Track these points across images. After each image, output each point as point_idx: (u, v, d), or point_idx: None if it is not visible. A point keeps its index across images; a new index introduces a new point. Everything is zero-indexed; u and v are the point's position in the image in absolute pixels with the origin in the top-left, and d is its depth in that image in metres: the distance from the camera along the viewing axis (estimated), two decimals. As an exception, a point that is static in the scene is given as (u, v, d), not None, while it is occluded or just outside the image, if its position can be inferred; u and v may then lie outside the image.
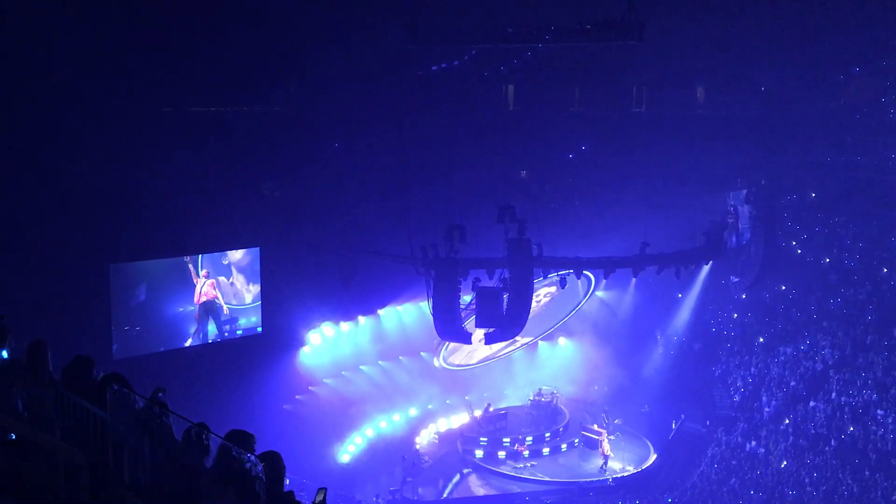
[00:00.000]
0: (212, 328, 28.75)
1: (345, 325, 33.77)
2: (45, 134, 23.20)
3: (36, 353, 7.10)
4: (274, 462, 6.07)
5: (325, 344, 33.33)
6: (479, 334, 28.51)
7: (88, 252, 24.43)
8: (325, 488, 6.12)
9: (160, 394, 6.77)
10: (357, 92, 31.25)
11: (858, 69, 38.22)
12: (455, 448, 34.09)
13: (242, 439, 6.26)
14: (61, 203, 23.72)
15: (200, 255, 28.34)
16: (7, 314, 7.47)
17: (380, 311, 34.69)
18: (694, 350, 38.50)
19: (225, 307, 29.17)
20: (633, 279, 33.15)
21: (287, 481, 6.41)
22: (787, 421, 32.74)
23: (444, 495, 31.59)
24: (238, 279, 29.58)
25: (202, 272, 28.30)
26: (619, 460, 32.77)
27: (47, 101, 23.58)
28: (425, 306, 30.18)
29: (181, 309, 27.85)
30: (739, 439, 33.03)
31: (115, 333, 26.05)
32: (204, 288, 28.40)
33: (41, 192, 23.35)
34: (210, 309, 28.66)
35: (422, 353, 35.55)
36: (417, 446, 33.36)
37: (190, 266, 28.21)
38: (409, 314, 35.39)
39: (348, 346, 34.15)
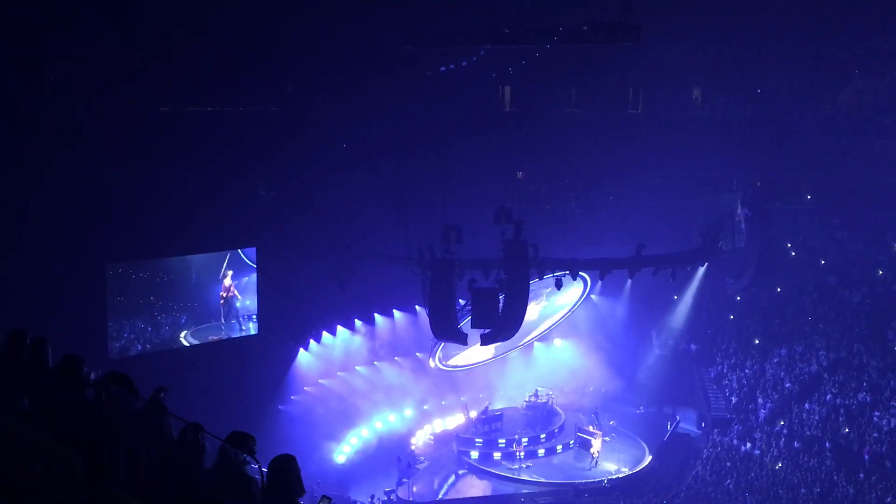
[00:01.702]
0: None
1: (340, 326, 33.79)
2: (42, 134, 23.19)
3: (36, 350, 7.13)
4: (285, 467, 6.02)
5: (321, 344, 33.36)
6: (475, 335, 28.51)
7: (85, 252, 24.43)
8: (330, 498, 6.09)
9: (161, 394, 6.76)
10: (353, 93, 31.28)
11: (856, 72, 38.30)
12: (450, 449, 34.08)
13: (242, 441, 6.25)
14: (58, 203, 23.72)
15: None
16: (5, 313, 7.50)
17: (376, 312, 34.71)
18: (689, 351, 38.53)
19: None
20: (629, 280, 33.21)
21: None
22: (783, 423, 32.79)
23: (440, 496, 31.57)
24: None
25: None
26: (614, 462, 32.76)
27: (44, 101, 23.58)
28: (421, 307, 30.23)
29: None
30: (734, 441, 33.07)
31: (111, 333, 26.06)
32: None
33: (38, 192, 23.36)
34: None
35: (417, 354, 35.55)
36: (413, 447, 33.35)
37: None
38: (405, 315, 35.42)
39: (344, 347, 34.16)
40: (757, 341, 37.21)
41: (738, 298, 38.53)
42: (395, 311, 35.24)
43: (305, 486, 5.98)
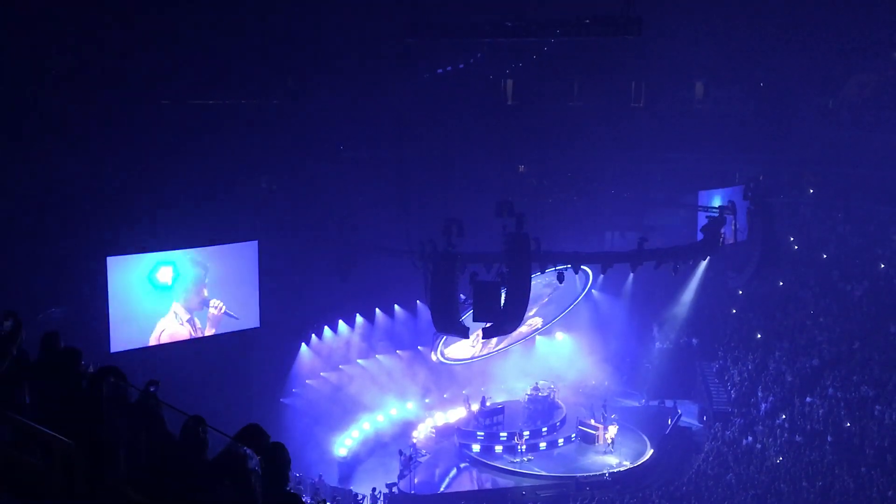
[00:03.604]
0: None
1: (342, 320, 33.81)
2: (44, 127, 23.18)
3: (49, 345, 7.14)
4: (276, 455, 6.01)
5: (323, 338, 33.39)
6: (476, 329, 28.53)
7: (87, 245, 24.43)
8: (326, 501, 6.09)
9: (152, 387, 6.75)
10: (355, 86, 31.25)
11: (857, 65, 38.24)
12: (452, 442, 34.12)
13: (251, 435, 6.17)
14: (60, 196, 23.74)
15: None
16: (6, 306, 7.50)
17: (377, 307, 34.73)
18: (691, 345, 38.55)
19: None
20: (631, 274, 33.21)
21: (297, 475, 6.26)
22: (784, 416, 32.80)
23: (441, 489, 31.62)
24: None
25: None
26: (615, 455, 32.81)
27: (46, 94, 23.57)
28: (423, 302, 30.15)
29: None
30: (736, 435, 33.08)
31: (112, 326, 25.99)
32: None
33: (40, 185, 23.38)
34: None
35: (419, 347, 35.59)
36: (414, 440, 33.37)
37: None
38: (406, 308, 35.46)
39: (345, 341, 34.19)
40: (759, 335, 37.20)
41: (740, 292, 38.51)
42: (396, 305, 35.32)
43: (307, 480, 5.98)
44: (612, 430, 33.17)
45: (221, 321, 28.20)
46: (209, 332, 28.06)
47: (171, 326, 27.13)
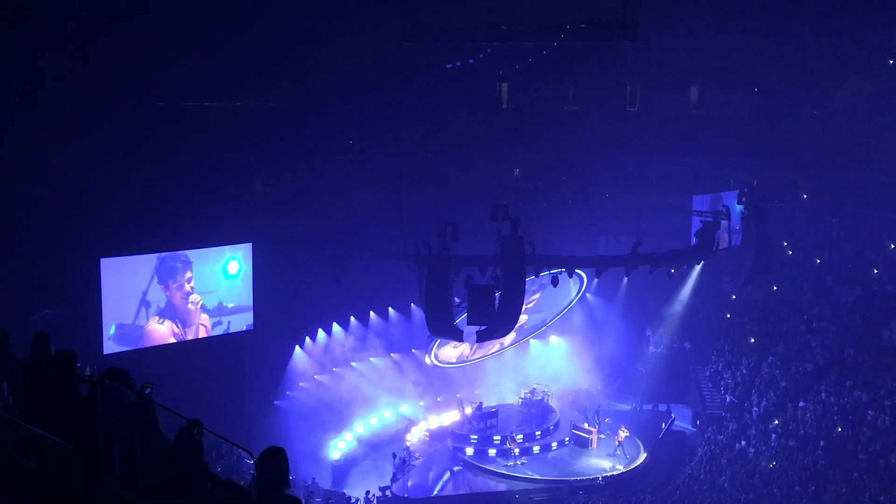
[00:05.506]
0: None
1: (336, 323, 33.78)
2: (38, 128, 23.13)
3: (40, 346, 7.13)
4: (274, 459, 6.01)
5: (317, 341, 33.36)
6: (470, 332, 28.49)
7: (80, 246, 24.37)
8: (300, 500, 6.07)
9: (147, 390, 6.75)
10: (351, 88, 31.25)
11: (852, 71, 38.33)
12: (446, 446, 34.09)
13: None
14: (54, 197, 23.68)
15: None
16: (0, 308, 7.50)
17: (371, 309, 34.70)
18: (685, 350, 38.58)
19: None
20: (625, 278, 33.24)
21: (291, 478, 6.25)
22: (777, 421, 32.83)
23: (435, 493, 31.59)
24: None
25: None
26: (609, 459, 32.80)
27: (40, 95, 23.53)
28: (417, 305, 30.10)
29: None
30: (729, 439, 33.11)
31: (105, 328, 25.94)
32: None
33: (33, 185, 23.32)
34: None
35: (413, 351, 35.56)
36: (408, 443, 33.35)
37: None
38: (400, 311, 35.42)
39: (339, 343, 34.15)
40: (752, 340, 37.25)
41: (734, 297, 38.54)
42: (390, 308, 35.29)
43: (300, 483, 5.99)
44: (623, 433, 33.15)
45: (200, 316, 28.25)
46: (191, 326, 28.01)
47: (150, 323, 27.27)
